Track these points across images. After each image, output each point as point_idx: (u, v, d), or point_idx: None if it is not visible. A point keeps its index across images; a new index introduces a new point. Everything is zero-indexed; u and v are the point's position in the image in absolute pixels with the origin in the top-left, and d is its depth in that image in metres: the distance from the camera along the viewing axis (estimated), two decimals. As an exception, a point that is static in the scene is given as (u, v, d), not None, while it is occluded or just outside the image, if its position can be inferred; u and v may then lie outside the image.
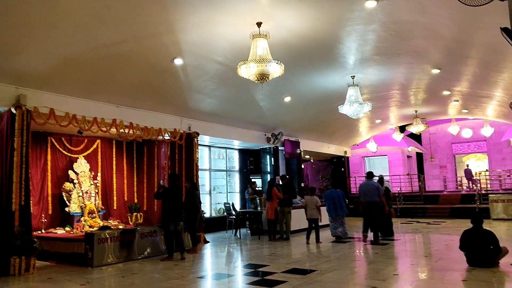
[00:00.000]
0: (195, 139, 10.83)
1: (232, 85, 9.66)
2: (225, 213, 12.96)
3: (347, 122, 15.38)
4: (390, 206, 10.56)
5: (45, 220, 8.99)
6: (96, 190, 10.12)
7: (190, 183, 9.41)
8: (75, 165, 9.89)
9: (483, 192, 16.56)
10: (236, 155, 15.43)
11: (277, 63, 6.50)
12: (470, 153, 22.70)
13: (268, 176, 14.69)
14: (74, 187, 9.66)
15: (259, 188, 13.83)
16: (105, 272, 7.09)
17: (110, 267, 7.48)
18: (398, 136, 18.64)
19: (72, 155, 10.03)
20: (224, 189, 14.81)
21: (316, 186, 20.58)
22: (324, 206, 10.55)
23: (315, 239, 9.94)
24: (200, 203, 10.00)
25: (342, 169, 20.26)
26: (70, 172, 9.76)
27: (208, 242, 10.52)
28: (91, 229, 8.73)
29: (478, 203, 15.16)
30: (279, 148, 14.93)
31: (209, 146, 14.01)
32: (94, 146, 10.53)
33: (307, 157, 19.93)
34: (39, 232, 8.62)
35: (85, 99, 8.51)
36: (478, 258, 6.39)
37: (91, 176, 10.11)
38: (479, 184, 17.41)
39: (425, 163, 23.20)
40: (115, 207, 10.77)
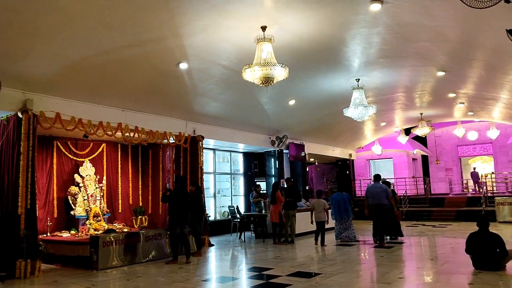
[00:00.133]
0: (200, 143, 10.85)
1: (237, 89, 9.68)
2: (230, 216, 12.96)
3: (352, 125, 15.35)
4: (397, 209, 10.68)
5: (51, 224, 9.03)
6: (101, 194, 10.16)
7: (195, 187, 9.44)
8: (81, 169, 9.94)
9: (489, 195, 16.44)
10: (241, 158, 15.43)
11: (282, 67, 6.51)
12: (476, 156, 22.56)
13: (273, 179, 14.67)
14: (80, 191, 9.71)
15: (264, 191, 13.83)
16: (110, 275, 7.11)
17: (115, 270, 7.49)
18: (403, 139, 18.57)
19: (78, 159, 10.08)
20: (229, 192, 14.81)
21: (321, 189, 20.59)
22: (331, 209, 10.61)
23: (320, 242, 9.95)
24: (205, 206, 10.01)
25: (347, 172, 20.21)
26: (76, 176, 9.81)
27: (213, 245, 10.52)
28: (96, 232, 8.76)
29: (484, 206, 15.07)
30: (284, 151, 14.93)
31: (214, 150, 14.03)
32: (100, 150, 10.58)
33: (312, 160, 19.92)
34: (45, 235, 8.66)
35: (91, 103, 8.56)
36: (484, 261, 6.34)
37: (97, 180, 10.15)
38: (485, 187, 17.29)
39: (431, 166, 23.07)
40: (120, 210, 10.80)
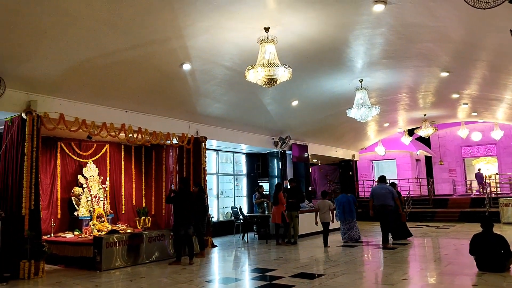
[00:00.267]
0: (203, 144, 10.86)
1: (240, 90, 9.68)
2: (233, 217, 12.97)
3: (355, 126, 15.33)
4: (402, 210, 10.76)
5: (54, 224, 9.07)
6: (105, 194, 10.19)
7: (198, 187, 9.45)
8: (84, 170, 9.97)
9: (493, 196, 16.38)
10: (244, 159, 15.43)
11: (285, 68, 6.51)
12: (480, 157, 22.48)
13: (276, 180, 14.66)
14: (83, 192, 9.73)
15: (266, 192, 13.82)
16: (113, 276, 7.12)
17: (118, 271, 7.51)
18: (407, 140, 18.53)
19: (81, 160, 10.11)
20: (232, 193, 14.81)
21: (326, 190, 20.57)
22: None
23: (323, 243, 9.98)
24: (208, 207, 10.03)
25: (350, 173, 20.16)
26: (79, 177, 9.84)
27: (216, 246, 10.52)
28: (100, 233, 8.78)
29: (488, 207, 15.00)
30: (287, 152, 14.92)
31: (217, 150, 14.04)
32: (103, 151, 10.61)
33: (315, 161, 19.89)
34: (48, 236, 8.69)
35: (95, 104, 8.59)
36: (488, 263, 6.32)
37: (100, 181, 10.17)
38: (489, 188, 17.22)
39: (434, 167, 23.00)
40: (124, 211, 10.82)
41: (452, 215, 15.92)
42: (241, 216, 12.41)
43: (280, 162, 14.83)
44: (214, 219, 12.88)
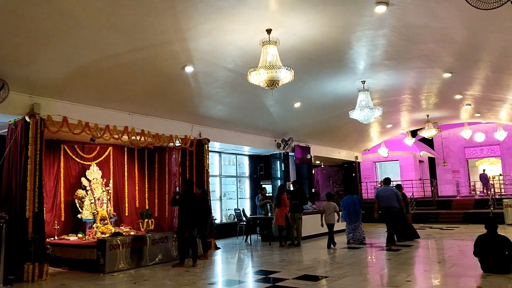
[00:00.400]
0: (206, 146, 10.87)
1: (242, 92, 9.70)
2: (236, 219, 12.96)
3: (358, 127, 15.31)
4: (408, 211, 10.82)
5: (58, 227, 9.08)
6: (108, 197, 10.20)
7: (201, 189, 9.46)
8: (88, 172, 9.99)
9: (497, 197, 16.31)
10: (246, 161, 15.43)
11: (287, 69, 6.52)
12: (483, 158, 22.40)
13: (279, 182, 14.65)
14: (87, 194, 9.76)
15: (269, 194, 13.81)
16: (117, 279, 7.13)
17: (122, 274, 7.52)
18: (410, 141, 18.48)
19: (85, 162, 10.14)
20: (235, 195, 14.81)
21: (327, 192, 20.53)
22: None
23: (327, 245, 10.00)
24: (211, 209, 10.03)
25: (353, 175, 20.13)
26: (83, 179, 9.86)
27: (219, 248, 10.52)
28: (103, 236, 8.79)
29: (492, 208, 14.93)
30: (290, 154, 14.91)
31: (220, 152, 14.05)
32: (106, 153, 10.63)
33: (318, 163, 19.86)
34: (52, 239, 8.70)
35: (98, 107, 8.62)
36: (493, 264, 6.29)
37: (103, 183, 10.19)
38: (493, 189, 17.15)
39: (438, 168, 22.94)
40: (127, 214, 10.84)
41: (456, 217, 15.85)
42: (244, 218, 12.40)
43: (283, 164, 14.83)
44: (217, 221, 12.89)
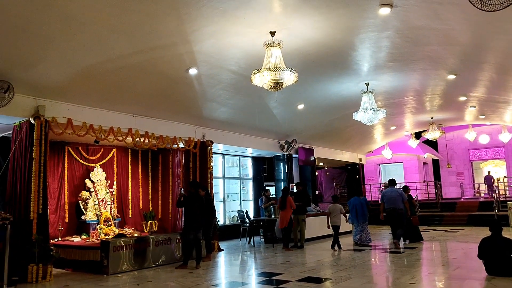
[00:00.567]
0: (209, 147, 10.88)
1: (246, 94, 9.70)
2: (239, 221, 12.96)
3: (362, 129, 15.28)
4: (414, 213, 10.85)
5: (62, 228, 9.11)
6: (112, 198, 10.24)
7: (205, 191, 9.46)
8: (92, 174, 10.03)
9: (502, 199, 16.22)
10: (250, 163, 15.44)
11: (291, 71, 6.51)
12: (488, 160, 22.29)
13: (282, 184, 14.65)
14: (91, 196, 9.79)
15: (273, 196, 13.79)
16: (120, 280, 7.14)
17: (125, 275, 7.53)
18: (414, 143, 18.44)
19: (89, 164, 10.17)
20: (238, 197, 14.81)
21: (330, 194, 20.51)
22: (348, 213, 10.96)
23: (331, 245, 10.07)
24: (215, 211, 10.05)
25: (357, 177, 20.08)
26: (87, 181, 9.90)
27: (222, 250, 10.52)
28: (107, 237, 8.82)
29: (497, 210, 14.85)
30: (293, 156, 14.90)
31: (223, 154, 14.06)
32: (110, 155, 10.67)
33: (321, 165, 19.84)
34: (56, 240, 8.73)
35: (102, 109, 8.66)
36: (498, 267, 6.26)
37: (107, 185, 10.23)
38: (498, 191, 17.06)
39: (442, 170, 22.84)
40: (130, 215, 10.86)
41: (460, 219, 15.78)
42: (248, 220, 12.40)
43: (286, 166, 14.82)
44: (221, 223, 12.88)
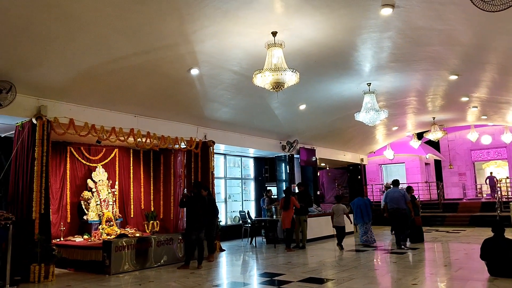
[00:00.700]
0: (211, 148, 10.89)
1: (248, 94, 9.71)
2: (241, 221, 12.96)
3: (364, 130, 15.27)
4: (418, 214, 10.85)
5: (64, 228, 9.13)
6: (114, 199, 10.24)
7: (207, 191, 9.46)
8: (94, 174, 10.03)
9: (504, 200, 16.18)
10: (251, 163, 15.44)
11: (292, 72, 6.52)
12: (490, 160, 22.21)
13: (284, 184, 14.65)
14: (92, 196, 9.80)
15: (275, 196, 13.79)
16: (122, 280, 7.15)
17: (127, 275, 7.54)
18: (416, 143, 18.39)
19: (91, 164, 10.18)
20: (240, 197, 14.82)
21: (332, 194, 20.48)
22: (351, 214, 10.96)
23: (337, 243, 10.11)
24: (218, 211, 10.07)
25: (359, 177, 20.06)
26: (89, 181, 9.91)
27: (224, 250, 10.52)
28: (109, 237, 8.83)
29: (499, 211, 14.81)
30: (295, 156, 14.90)
31: (225, 155, 14.06)
32: (112, 155, 10.68)
33: (323, 165, 19.82)
34: (58, 240, 8.74)
35: (104, 109, 8.67)
36: (500, 268, 6.24)
37: (109, 185, 10.24)
38: (500, 192, 17.01)
39: (444, 171, 22.78)
40: (132, 215, 10.87)
41: (462, 220, 15.75)
42: (249, 220, 12.39)
43: (288, 166, 14.82)
44: (222, 223, 12.89)
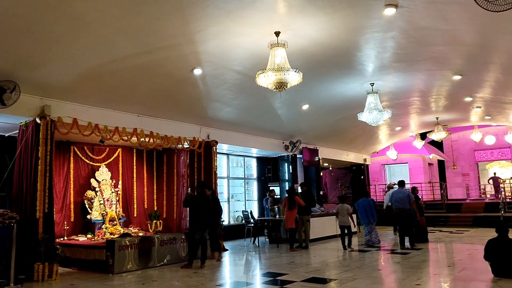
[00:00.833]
0: (214, 148, 10.90)
1: (250, 94, 9.71)
2: (244, 221, 12.97)
3: (367, 130, 15.23)
4: (422, 214, 10.84)
5: (68, 227, 9.16)
6: (117, 198, 10.28)
7: (211, 191, 9.49)
8: (97, 174, 10.07)
9: (508, 200, 16.11)
10: (254, 163, 15.44)
11: (295, 72, 6.52)
12: (494, 161, 22.12)
13: (287, 184, 14.63)
14: (96, 195, 9.83)
15: (277, 196, 13.79)
16: (125, 279, 7.17)
17: (130, 274, 7.56)
18: (419, 144, 18.35)
19: (94, 164, 10.22)
20: (242, 197, 14.82)
21: (335, 195, 20.46)
22: (355, 214, 10.97)
23: (347, 244, 10.11)
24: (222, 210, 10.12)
25: (362, 177, 20.03)
26: (92, 180, 9.94)
27: (227, 250, 10.52)
28: (112, 237, 8.85)
29: (503, 212, 14.76)
30: (297, 156, 14.88)
31: (227, 154, 14.07)
32: (115, 155, 10.71)
33: (326, 165, 19.81)
34: (62, 239, 8.78)
35: (107, 109, 8.70)
36: (504, 268, 6.21)
37: (112, 184, 10.27)
38: (504, 192, 16.95)
39: (447, 171, 22.72)
40: (135, 215, 10.90)
41: (466, 220, 15.69)
42: (252, 220, 12.40)
43: (291, 166, 14.81)
44: (225, 223, 12.90)
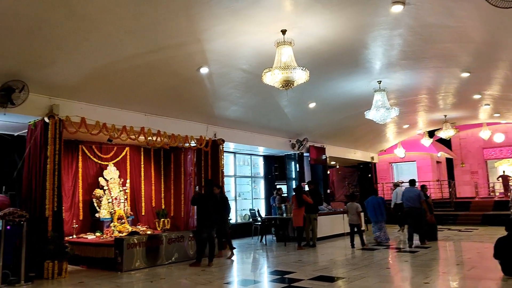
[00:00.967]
0: (221, 146, 10.93)
1: (257, 92, 9.71)
2: (251, 219, 12.98)
3: (374, 128, 15.17)
4: (431, 212, 10.80)
5: (76, 226, 9.25)
6: (125, 196, 10.35)
7: (219, 189, 9.53)
8: (105, 172, 10.15)
9: (517, 199, 15.95)
10: (261, 162, 15.45)
11: (302, 70, 6.50)
12: (503, 158, 21.90)
13: (294, 183, 14.62)
14: (104, 194, 9.91)
15: (285, 195, 13.79)
16: (134, 277, 7.22)
17: (139, 272, 7.61)
18: (427, 141, 18.23)
19: (102, 163, 10.30)
20: (249, 195, 14.84)
21: (342, 193, 20.41)
22: (363, 212, 10.98)
23: (360, 243, 10.12)
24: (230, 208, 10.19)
25: (369, 175, 19.94)
26: (100, 179, 10.02)
27: (234, 248, 10.52)
28: (121, 235, 8.92)
29: (512, 210, 14.62)
30: (304, 154, 14.86)
31: (234, 153, 14.10)
32: (123, 154, 10.78)
33: (333, 163, 19.75)
34: (71, 237, 8.87)
35: (115, 108, 8.75)
36: (514, 267, 6.16)
37: (120, 183, 10.34)
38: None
39: (456, 169, 22.54)
40: (143, 213, 10.97)
41: (475, 218, 15.57)
42: (259, 218, 12.41)
43: (298, 165, 14.78)
44: (232, 221, 12.92)
